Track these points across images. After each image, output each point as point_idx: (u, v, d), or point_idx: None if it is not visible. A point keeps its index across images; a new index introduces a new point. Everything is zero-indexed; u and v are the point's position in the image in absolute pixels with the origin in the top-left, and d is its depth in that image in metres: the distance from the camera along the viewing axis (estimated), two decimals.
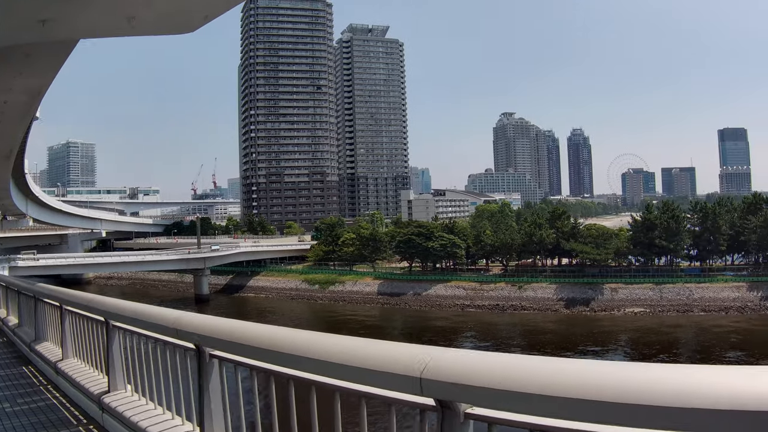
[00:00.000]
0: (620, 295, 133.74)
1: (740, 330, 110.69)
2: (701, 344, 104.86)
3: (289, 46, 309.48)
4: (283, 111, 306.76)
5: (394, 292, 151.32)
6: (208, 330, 7.75)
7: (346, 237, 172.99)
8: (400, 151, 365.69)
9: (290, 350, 6.09)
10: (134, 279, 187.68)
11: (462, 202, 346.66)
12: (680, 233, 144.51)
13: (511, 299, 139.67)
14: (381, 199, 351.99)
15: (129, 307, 10.58)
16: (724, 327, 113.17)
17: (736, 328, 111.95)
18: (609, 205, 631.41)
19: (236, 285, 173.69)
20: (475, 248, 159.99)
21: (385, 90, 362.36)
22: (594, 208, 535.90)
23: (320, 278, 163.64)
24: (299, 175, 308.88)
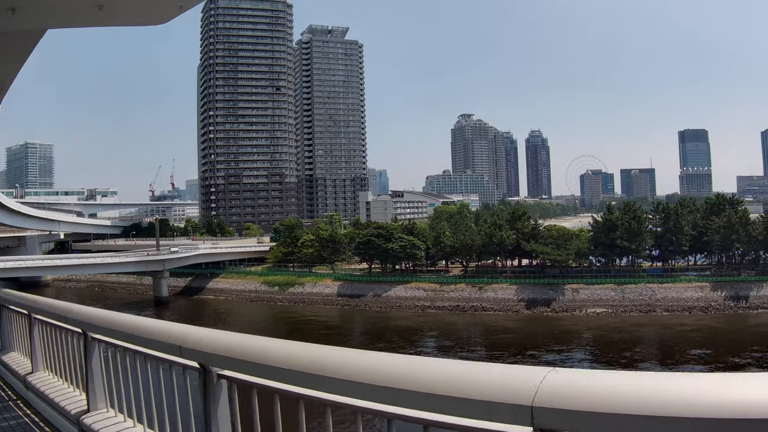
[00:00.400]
0: (582, 296, 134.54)
1: (704, 329, 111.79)
2: (664, 344, 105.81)
3: (248, 46, 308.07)
4: (242, 112, 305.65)
5: (353, 294, 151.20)
6: (217, 348, 6.84)
7: (306, 238, 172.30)
8: (358, 152, 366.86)
9: (330, 372, 5.22)
10: (93, 282, 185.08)
11: (420, 204, 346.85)
12: (642, 234, 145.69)
13: (471, 300, 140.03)
14: (339, 200, 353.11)
15: (115, 318, 9.49)
16: (687, 326, 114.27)
17: (699, 328, 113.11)
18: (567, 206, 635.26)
19: (195, 287, 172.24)
20: (434, 249, 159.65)
21: (344, 91, 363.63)
22: (552, 209, 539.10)
23: (280, 280, 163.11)
24: (258, 177, 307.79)
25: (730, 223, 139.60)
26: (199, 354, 7.20)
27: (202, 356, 7.19)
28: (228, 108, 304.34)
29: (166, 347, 7.89)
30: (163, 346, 7.98)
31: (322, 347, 5.68)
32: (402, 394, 4.52)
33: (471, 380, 4.23)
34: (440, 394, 4.24)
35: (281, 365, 5.70)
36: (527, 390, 3.90)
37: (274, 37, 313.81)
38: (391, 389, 4.57)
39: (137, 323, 8.77)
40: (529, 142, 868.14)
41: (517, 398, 3.91)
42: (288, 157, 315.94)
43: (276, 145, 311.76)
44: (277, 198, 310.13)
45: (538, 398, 3.84)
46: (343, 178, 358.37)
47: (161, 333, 7.99)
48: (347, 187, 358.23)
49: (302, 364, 5.51)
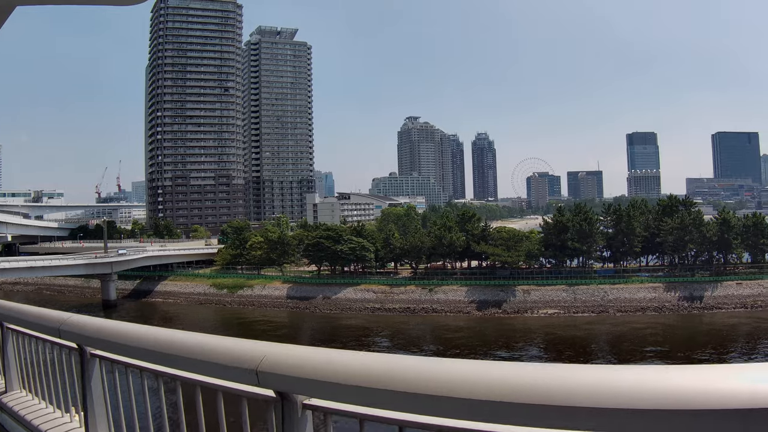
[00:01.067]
0: (533, 297, 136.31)
1: (657, 329, 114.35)
2: (615, 343, 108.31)
3: (197, 46, 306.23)
4: (190, 113, 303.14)
5: (303, 296, 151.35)
6: (90, 330, 7.70)
7: (254, 240, 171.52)
8: (305, 154, 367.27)
9: (171, 350, 6.14)
10: (41, 285, 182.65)
11: (367, 206, 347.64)
12: (593, 235, 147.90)
13: (422, 302, 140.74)
14: (286, 202, 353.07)
15: (22, 309, 10.13)
16: (640, 326, 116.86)
17: (652, 327, 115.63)
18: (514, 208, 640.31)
19: (144, 290, 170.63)
20: (383, 251, 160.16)
21: (292, 93, 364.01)
22: (499, 211, 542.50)
23: (228, 282, 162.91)
24: (205, 178, 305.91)
25: (683, 224, 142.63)
26: (75, 336, 7.96)
27: (78, 338, 7.96)
28: (176, 108, 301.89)
29: (52, 331, 8.49)
30: (50, 331, 8.63)
31: (171, 331, 6.48)
32: None
33: None
34: None
35: (135, 344, 6.54)
36: (254, 359, 5.07)
37: (223, 37, 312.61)
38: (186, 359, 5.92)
39: (32, 311, 9.50)
40: (476, 144, 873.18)
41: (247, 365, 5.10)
42: (236, 158, 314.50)
43: (224, 147, 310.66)
44: (224, 200, 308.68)
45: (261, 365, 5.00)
46: (290, 180, 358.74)
47: (48, 319, 8.73)
48: (294, 189, 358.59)
49: (153, 343, 6.39)
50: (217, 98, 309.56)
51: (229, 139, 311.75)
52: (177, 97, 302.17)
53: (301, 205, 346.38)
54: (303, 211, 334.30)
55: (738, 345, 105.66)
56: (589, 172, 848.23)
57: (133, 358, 7.00)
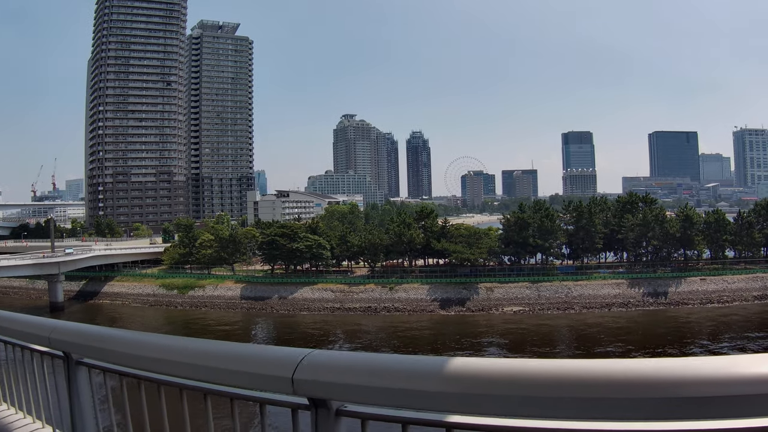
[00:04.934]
0: (496, 294, 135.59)
1: (623, 324, 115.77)
2: (581, 339, 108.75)
3: (141, 39, 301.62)
4: (133, 107, 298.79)
5: (258, 296, 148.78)
6: (78, 337, 7.56)
7: (204, 238, 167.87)
8: (245, 151, 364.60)
9: (162, 355, 6.06)
10: None
11: (308, 203, 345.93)
12: (555, 232, 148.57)
13: (382, 301, 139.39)
14: (226, 200, 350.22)
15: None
16: (606, 322, 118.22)
17: (618, 323, 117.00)
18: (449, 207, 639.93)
19: (90, 291, 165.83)
20: (339, 249, 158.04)
21: (233, 88, 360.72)
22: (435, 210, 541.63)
23: (178, 283, 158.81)
24: (146, 175, 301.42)
25: (645, 220, 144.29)
26: (63, 343, 7.67)
27: (66, 345, 7.67)
28: (118, 103, 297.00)
29: (40, 339, 8.07)
30: (37, 339, 8.20)
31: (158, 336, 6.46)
32: None
33: None
34: None
35: (127, 350, 6.49)
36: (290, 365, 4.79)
37: (167, 30, 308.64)
38: None
39: (18, 318, 8.94)
40: (410, 143, 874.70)
41: None
42: (177, 154, 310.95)
43: (165, 142, 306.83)
44: (165, 197, 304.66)
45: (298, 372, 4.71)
46: (230, 177, 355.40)
47: (35, 326, 8.28)
48: (234, 186, 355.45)
49: (142, 348, 6.33)
50: (160, 93, 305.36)
51: (171, 135, 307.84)
52: (119, 91, 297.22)
53: (241, 202, 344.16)
54: (243, 209, 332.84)
55: (725, 337, 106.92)
56: (524, 171, 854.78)
57: (129, 367, 6.77)
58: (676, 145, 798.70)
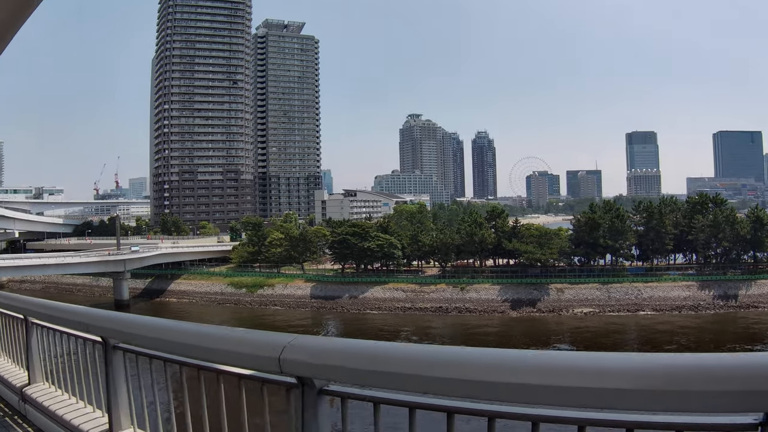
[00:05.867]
0: (566, 296, 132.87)
1: (695, 328, 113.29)
2: (654, 342, 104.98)
3: (206, 38, 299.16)
4: (198, 106, 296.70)
5: (328, 296, 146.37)
6: (114, 324, 8.28)
7: (274, 237, 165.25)
8: (312, 150, 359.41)
9: (182, 339, 6.84)
10: (48, 283, 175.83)
11: (375, 203, 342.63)
12: (625, 232, 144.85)
13: (453, 301, 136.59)
14: (293, 199, 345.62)
15: (47, 304, 10.77)
16: (678, 325, 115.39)
17: (690, 326, 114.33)
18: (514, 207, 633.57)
19: (156, 289, 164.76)
20: (410, 249, 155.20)
21: (299, 87, 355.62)
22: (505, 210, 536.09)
23: (247, 281, 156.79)
24: (213, 173, 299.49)
25: (716, 221, 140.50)
26: (100, 329, 8.51)
27: (103, 331, 8.50)
28: (184, 102, 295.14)
29: (79, 326, 9.15)
30: (77, 325, 9.27)
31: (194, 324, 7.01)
32: None
33: None
34: None
35: (161, 337, 7.05)
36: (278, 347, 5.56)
37: (232, 29, 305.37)
38: None
39: (61, 307, 10.09)
40: (476, 143, 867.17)
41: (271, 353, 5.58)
42: (244, 153, 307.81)
43: (232, 141, 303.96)
44: (232, 196, 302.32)
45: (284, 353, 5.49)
46: (297, 176, 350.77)
47: (75, 313, 9.31)
48: (301, 185, 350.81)
49: (179, 335, 6.93)
50: (226, 91, 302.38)
51: (238, 134, 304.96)
52: (185, 90, 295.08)
53: (308, 201, 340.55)
54: (310, 208, 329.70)
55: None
56: (588, 171, 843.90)
57: (160, 351, 7.47)
58: (740, 145, 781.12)
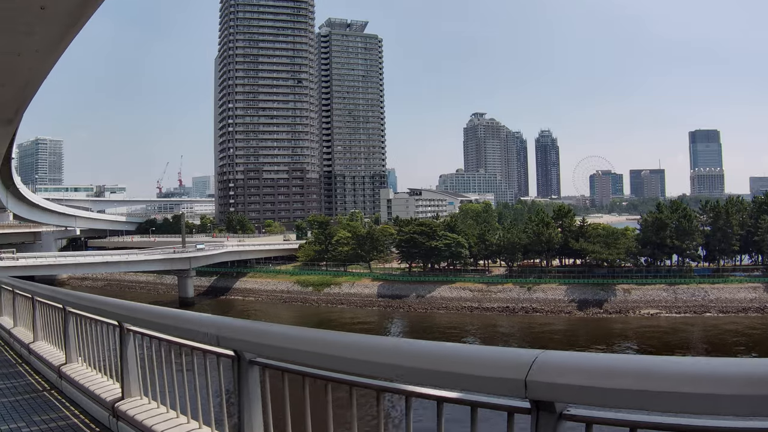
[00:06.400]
0: (633, 296, 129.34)
1: (761, 328, 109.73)
2: (723, 344, 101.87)
3: (269, 37, 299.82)
4: (263, 104, 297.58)
5: (395, 295, 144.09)
6: (250, 335, 7.73)
7: (341, 235, 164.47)
8: (378, 148, 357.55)
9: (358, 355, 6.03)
10: (110, 280, 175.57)
11: (440, 202, 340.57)
12: (692, 233, 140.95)
13: (520, 301, 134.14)
14: (358, 197, 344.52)
15: (155, 311, 10.14)
16: (744, 327, 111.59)
17: (755, 327, 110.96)
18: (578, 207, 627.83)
19: (221, 287, 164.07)
20: (477, 248, 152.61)
21: (364, 86, 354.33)
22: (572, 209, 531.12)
23: (314, 280, 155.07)
24: (278, 172, 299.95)
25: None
26: (233, 342, 8.11)
27: (236, 344, 8.10)
28: (248, 100, 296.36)
29: (203, 337, 8.71)
30: (200, 336, 8.83)
31: (343, 334, 6.37)
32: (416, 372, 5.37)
33: None
34: None
35: (312, 350, 6.42)
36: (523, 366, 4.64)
37: (295, 28, 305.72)
38: None
39: (179, 315, 9.66)
40: (539, 141, 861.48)
41: None
42: (309, 152, 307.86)
43: (297, 140, 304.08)
44: (297, 194, 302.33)
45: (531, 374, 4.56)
46: (362, 175, 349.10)
47: (199, 323, 8.85)
48: (366, 184, 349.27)
49: (330, 347, 6.23)
50: (291, 90, 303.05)
51: (303, 132, 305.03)
52: (249, 89, 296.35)
53: (374, 200, 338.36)
54: (375, 207, 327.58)
55: None
56: (652, 171, 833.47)
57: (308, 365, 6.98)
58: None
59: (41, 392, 14.84)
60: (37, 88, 45.84)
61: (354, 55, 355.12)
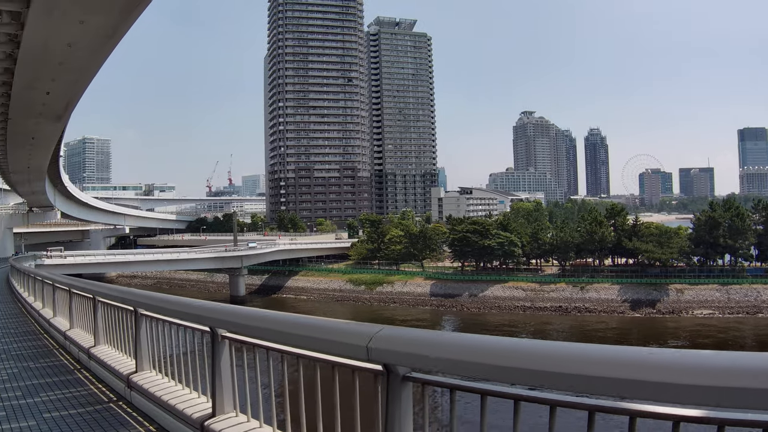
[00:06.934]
0: (686, 297, 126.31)
1: None
2: None
3: (318, 36, 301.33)
4: (313, 103, 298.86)
5: (447, 294, 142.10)
6: (221, 314, 9.31)
7: (393, 234, 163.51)
8: (428, 147, 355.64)
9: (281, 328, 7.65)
10: (160, 279, 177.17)
11: (491, 201, 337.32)
12: (745, 232, 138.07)
13: (573, 300, 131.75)
14: (409, 196, 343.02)
15: (156, 296, 12.25)
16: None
17: None
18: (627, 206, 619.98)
19: (273, 285, 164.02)
20: (529, 247, 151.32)
21: (413, 85, 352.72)
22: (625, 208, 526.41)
23: (366, 278, 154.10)
24: (329, 171, 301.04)
25: None
26: (208, 320, 9.54)
27: (211, 321, 9.52)
28: (298, 99, 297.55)
29: (189, 317, 10.32)
30: (187, 316, 10.44)
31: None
32: None
33: None
34: None
35: (264, 326, 7.39)
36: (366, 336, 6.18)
37: (344, 26, 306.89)
38: None
39: (171, 300, 11.40)
40: (588, 140, 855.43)
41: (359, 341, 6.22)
42: (360, 150, 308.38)
43: (348, 138, 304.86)
44: (348, 193, 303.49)
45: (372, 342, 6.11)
46: (413, 173, 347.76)
47: (186, 305, 10.33)
48: (417, 182, 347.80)
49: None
50: (341, 89, 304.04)
51: (354, 131, 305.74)
52: (299, 88, 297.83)
53: (424, 199, 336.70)
54: (426, 205, 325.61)
55: None
56: (701, 169, 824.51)
57: (265, 340, 8.42)
58: None
59: (71, 370, 16.56)
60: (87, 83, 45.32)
61: (403, 54, 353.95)
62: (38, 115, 51.30)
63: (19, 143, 66.23)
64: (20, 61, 35.81)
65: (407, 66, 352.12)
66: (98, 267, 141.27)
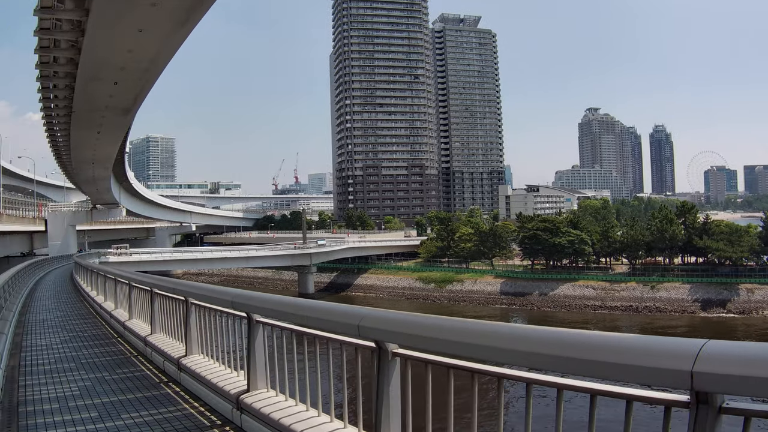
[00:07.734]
0: (756, 296, 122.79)
1: None
2: None
3: (384, 33, 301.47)
4: (380, 101, 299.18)
5: (518, 292, 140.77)
6: (255, 301, 10.72)
7: (463, 232, 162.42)
8: (495, 144, 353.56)
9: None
10: (227, 276, 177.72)
11: (558, 198, 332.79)
12: None
13: (644, 300, 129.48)
14: (476, 194, 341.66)
15: (203, 287, 14.24)
16: None
17: None
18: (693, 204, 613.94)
19: (341, 283, 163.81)
20: (599, 245, 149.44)
21: (479, 82, 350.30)
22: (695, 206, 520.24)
23: (436, 276, 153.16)
24: (397, 168, 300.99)
25: None
26: (245, 306, 10.79)
27: (248, 308, 10.71)
28: (365, 97, 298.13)
29: (225, 303, 11.71)
30: (223, 303, 11.86)
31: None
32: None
33: None
34: None
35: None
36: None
37: (409, 23, 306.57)
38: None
39: (215, 290, 13.18)
40: (653, 137, 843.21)
41: None
42: (428, 148, 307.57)
43: (415, 136, 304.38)
44: (416, 190, 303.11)
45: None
46: (480, 171, 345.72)
47: (223, 293, 11.92)
48: (484, 180, 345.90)
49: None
50: (408, 86, 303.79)
51: (421, 128, 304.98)
52: (366, 85, 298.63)
53: (492, 196, 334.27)
54: (493, 203, 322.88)
55: None
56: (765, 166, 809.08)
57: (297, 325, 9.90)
58: None
59: (129, 357, 18.54)
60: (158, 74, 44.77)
61: (468, 51, 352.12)
62: (104, 108, 50.65)
63: (83, 139, 65.79)
64: None
65: (473, 63, 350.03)
66: (164, 264, 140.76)
